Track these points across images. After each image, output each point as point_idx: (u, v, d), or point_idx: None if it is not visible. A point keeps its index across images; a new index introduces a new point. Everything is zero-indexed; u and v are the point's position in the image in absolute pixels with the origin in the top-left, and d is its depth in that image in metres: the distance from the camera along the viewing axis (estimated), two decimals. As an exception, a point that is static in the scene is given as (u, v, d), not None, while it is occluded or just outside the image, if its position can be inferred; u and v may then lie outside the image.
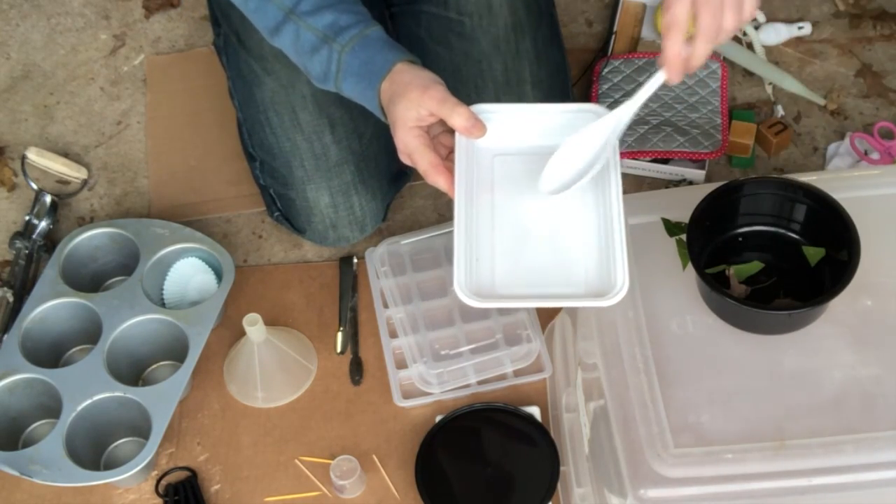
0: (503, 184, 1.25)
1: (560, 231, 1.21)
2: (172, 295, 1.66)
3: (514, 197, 1.24)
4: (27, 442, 1.55)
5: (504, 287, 1.18)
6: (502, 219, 1.23)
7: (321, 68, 1.34)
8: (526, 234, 1.22)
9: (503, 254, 1.20)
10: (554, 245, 1.20)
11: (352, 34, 1.31)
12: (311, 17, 1.33)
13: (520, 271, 1.19)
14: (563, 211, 1.22)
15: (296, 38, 1.35)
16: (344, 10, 1.33)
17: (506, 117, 1.27)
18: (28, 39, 2.07)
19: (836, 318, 1.16)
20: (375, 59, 1.29)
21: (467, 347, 1.61)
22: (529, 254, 1.20)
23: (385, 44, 1.32)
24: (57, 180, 1.86)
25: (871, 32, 1.98)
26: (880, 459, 1.06)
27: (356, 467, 1.48)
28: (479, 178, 1.25)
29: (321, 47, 1.32)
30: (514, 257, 1.20)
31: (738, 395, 1.13)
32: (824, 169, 1.80)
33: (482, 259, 1.19)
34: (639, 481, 1.07)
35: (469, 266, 1.17)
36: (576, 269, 1.18)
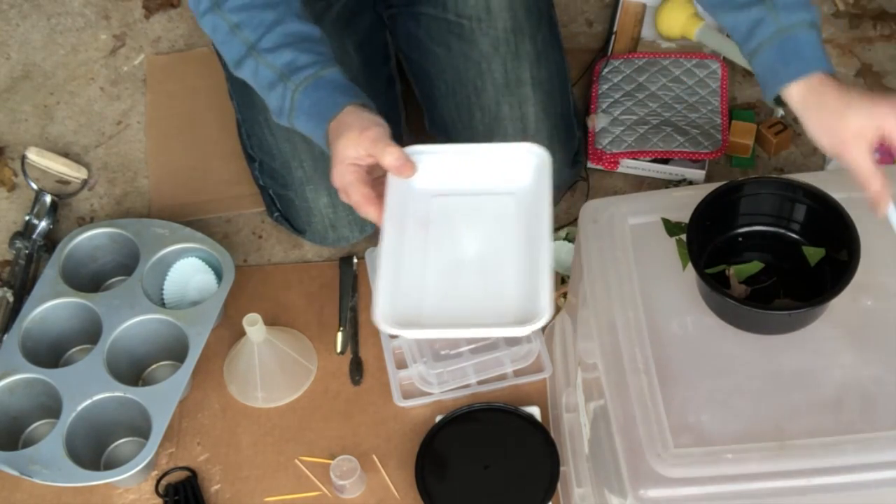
0: (439, 222, 1.29)
1: (491, 265, 1.25)
2: (172, 295, 1.66)
3: (448, 234, 1.28)
4: (27, 442, 1.55)
5: (429, 318, 1.21)
6: (435, 254, 1.26)
7: (276, 104, 1.37)
8: (457, 268, 1.25)
9: (433, 287, 1.24)
10: (484, 279, 1.24)
11: (306, 74, 1.34)
12: (270, 54, 1.35)
13: (448, 303, 1.22)
14: (496, 246, 1.26)
15: (255, 73, 1.37)
16: (304, 49, 1.35)
17: (442, 158, 1.31)
18: (28, 39, 2.07)
19: (836, 318, 1.16)
20: (325, 101, 1.32)
21: (467, 347, 1.61)
22: (460, 287, 1.24)
23: (337, 86, 1.34)
24: (57, 180, 1.86)
25: (871, 32, 1.98)
26: (880, 459, 1.06)
27: (356, 467, 1.48)
28: (416, 216, 1.29)
29: (277, 84, 1.35)
30: (443, 290, 1.23)
31: (738, 395, 1.13)
32: (824, 169, 1.80)
33: (411, 292, 1.23)
34: (639, 481, 1.07)
35: (394, 296, 1.21)
36: (503, 301, 1.21)
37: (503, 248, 1.25)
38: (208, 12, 1.38)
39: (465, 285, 1.24)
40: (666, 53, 1.90)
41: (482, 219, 1.28)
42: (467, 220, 1.28)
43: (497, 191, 1.29)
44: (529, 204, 1.26)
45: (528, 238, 1.24)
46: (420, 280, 1.24)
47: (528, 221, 1.25)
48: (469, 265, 1.25)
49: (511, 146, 1.30)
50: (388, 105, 1.72)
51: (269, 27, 1.35)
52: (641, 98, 1.83)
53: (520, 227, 1.26)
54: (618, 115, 1.82)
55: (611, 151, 1.78)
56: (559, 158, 1.67)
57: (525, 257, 1.23)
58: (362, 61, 1.67)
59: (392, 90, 1.75)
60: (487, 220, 1.28)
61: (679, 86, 1.85)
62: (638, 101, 1.83)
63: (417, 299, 1.22)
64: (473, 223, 1.28)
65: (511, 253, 1.24)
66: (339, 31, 1.66)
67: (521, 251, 1.24)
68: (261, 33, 1.35)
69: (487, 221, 1.28)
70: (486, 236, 1.27)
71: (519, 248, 1.24)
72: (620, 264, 1.22)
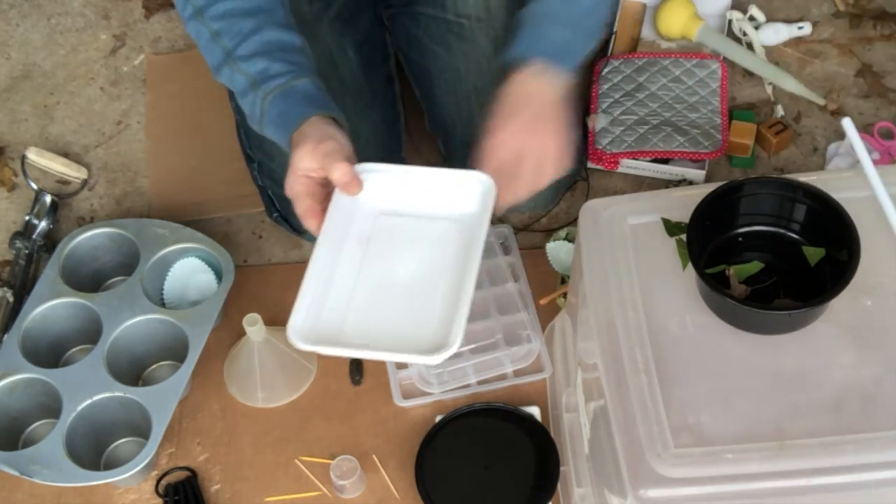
0: (379, 240, 1.30)
1: (420, 290, 1.25)
2: (172, 295, 1.66)
3: (385, 254, 1.28)
4: (27, 442, 1.55)
5: (347, 337, 1.21)
6: (368, 273, 1.27)
7: (249, 111, 1.38)
8: (387, 289, 1.26)
9: (358, 306, 1.24)
10: (410, 303, 1.24)
11: (276, 84, 1.34)
12: (245, 62, 1.36)
13: (369, 325, 1.23)
14: (428, 271, 1.26)
15: (230, 79, 1.39)
16: (278, 58, 1.36)
17: (392, 178, 1.31)
18: (28, 39, 2.07)
19: (836, 318, 1.16)
20: (291, 111, 1.33)
21: (467, 347, 1.61)
22: (384, 309, 1.24)
23: (305, 97, 1.34)
24: (57, 180, 1.86)
25: (871, 32, 1.98)
26: (880, 459, 1.06)
27: (356, 467, 1.48)
28: (357, 232, 1.29)
29: (249, 92, 1.36)
30: (368, 311, 1.24)
31: (738, 395, 1.13)
32: (824, 169, 1.80)
33: (336, 308, 1.23)
34: (639, 481, 1.07)
35: (317, 312, 1.22)
36: (421, 328, 1.21)
37: (434, 273, 1.26)
38: (192, 19, 1.40)
39: (391, 308, 1.24)
40: (666, 53, 1.90)
41: (421, 242, 1.29)
42: (406, 242, 1.29)
43: (441, 216, 1.30)
44: (469, 232, 1.27)
45: (460, 267, 1.25)
46: (348, 298, 1.25)
47: (462, 250, 1.26)
48: (399, 288, 1.26)
49: (460, 173, 1.30)
50: (388, 105, 1.72)
51: (246, 35, 1.37)
52: (641, 98, 1.83)
53: (455, 254, 1.26)
54: (618, 115, 1.82)
55: (611, 151, 1.78)
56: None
57: (452, 286, 1.23)
58: (361, 61, 1.67)
59: (391, 90, 1.75)
60: (426, 243, 1.29)
61: (679, 86, 1.85)
62: (638, 101, 1.83)
63: (342, 316, 1.23)
64: (412, 245, 1.29)
65: (441, 279, 1.25)
66: (338, 32, 1.66)
67: (450, 279, 1.24)
68: (238, 41, 1.37)
69: (426, 245, 1.29)
70: (422, 260, 1.27)
71: (449, 276, 1.25)
72: (620, 264, 1.22)
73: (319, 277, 1.24)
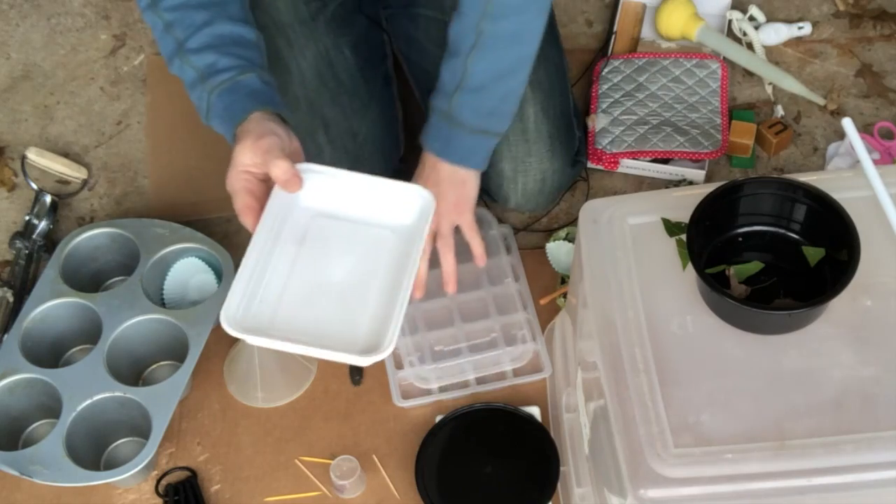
0: (314, 241, 1.30)
1: (352, 293, 1.27)
2: (172, 295, 1.66)
3: (320, 255, 1.30)
4: (27, 442, 1.55)
5: (277, 330, 1.23)
6: (301, 271, 1.28)
7: (197, 104, 1.39)
8: (320, 289, 1.27)
9: (291, 302, 1.26)
10: (343, 305, 1.26)
11: (223, 78, 1.35)
12: (194, 55, 1.37)
13: (301, 320, 1.24)
14: (362, 276, 1.28)
15: (181, 71, 1.39)
16: (227, 52, 1.37)
17: (332, 181, 1.32)
18: (28, 39, 2.07)
19: (836, 318, 1.16)
20: (236, 106, 1.34)
21: (465, 344, 1.61)
22: (317, 308, 1.25)
23: (251, 92, 1.35)
24: (57, 180, 1.86)
25: (871, 32, 1.98)
26: (880, 459, 1.06)
27: (356, 467, 1.48)
28: (293, 231, 1.30)
29: (197, 85, 1.37)
30: (300, 307, 1.25)
31: (738, 395, 1.13)
32: (824, 169, 1.80)
33: (267, 301, 1.25)
34: (639, 481, 1.07)
35: (249, 302, 1.23)
36: (353, 329, 1.23)
37: (368, 279, 1.27)
38: (147, 9, 1.40)
39: (323, 307, 1.25)
40: (666, 53, 1.90)
41: (356, 247, 1.30)
42: (342, 245, 1.30)
43: (377, 223, 1.31)
44: (404, 243, 1.29)
45: (394, 275, 1.26)
46: (280, 292, 1.26)
47: (398, 259, 1.28)
48: (331, 289, 1.27)
49: (401, 185, 1.32)
50: (386, 105, 1.72)
51: (198, 28, 1.37)
52: (641, 98, 1.83)
53: (389, 262, 1.28)
54: (618, 115, 1.82)
55: (611, 151, 1.78)
56: (559, 158, 1.67)
57: (385, 293, 1.25)
58: (358, 61, 1.67)
59: (389, 90, 1.75)
60: (361, 249, 1.30)
61: (679, 86, 1.85)
62: (638, 101, 1.83)
63: (272, 310, 1.24)
64: (347, 249, 1.30)
65: (374, 285, 1.27)
66: (335, 31, 1.66)
67: (384, 286, 1.26)
68: (189, 33, 1.37)
69: (360, 251, 1.30)
70: (356, 264, 1.29)
71: (382, 283, 1.26)
72: (620, 264, 1.22)
73: (253, 270, 1.25)
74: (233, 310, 1.22)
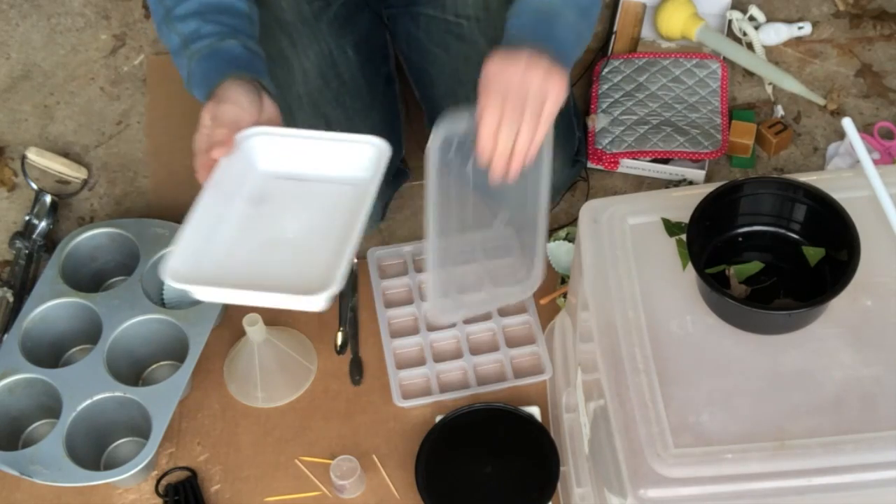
0: (269, 202, 1.31)
1: (303, 245, 1.26)
2: (172, 295, 1.66)
3: (274, 215, 1.29)
4: (27, 442, 1.55)
5: (224, 279, 1.21)
6: (254, 229, 1.28)
7: (181, 72, 1.40)
8: (272, 246, 1.27)
9: (240, 257, 1.25)
10: (292, 257, 1.25)
11: (203, 44, 1.36)
12: (180, 21, 1.38)
13: (249, 271, 1.24)
14: (314, 229, 1.28)
15: (167, 38, 1.40)
16: (211, 20, 1.38)
17: (286, 142, 1.32)
18: (28, 39, 2.07)
19: (836, 318, 1.16)
20: (213, 71, 1.35)
21: (467, 346, 1.61)
22: (266, 262, 1.25)
23: (228, 58, 1.36)
24: (57, 180, 1.86)
25: (871, 32, 1.98)
26: (880, 459, 1.06)
27: (356, 467, 1.48)
28: (249, 193, 1.31)
29: (180, 52, 1.38)
30: (249, 261, 1.25)
31: (738, 395, 1.13)
32: (824, 169, 1.80)
33: (214, 256, 1.24)
34: (639, 481, 1.07)
35: (195, 256, 1.22)
36: (300, 276, 1.22)
37: (323, 231, 1.27)
38: None
39: (274, 260, 1.25)
40: (666, 53, 1.90)
41: (311, 204, 1.30)
42: (298, 204, 1.30)
43: (333, 179, 1.31)
44: (359, 194, 1.27)
45: (344, 225, 1.25)
46: (230, 248, 1.25)
47: (352, 210, 1.26)
48: (285, 244, 1.27)
49: (353, 137, 1.32)
50: (388, 104, 1.72)
51: None
52: (641, 98, 1.83)
53: (342, 215, 1.27)
54: (618, 115, 1.82)
55: (611, 151, 1.78)
56: (559, 158, 1.67)
57: (335, 241, 1.24)
58: (361, 61, 1.67)
59: (391, 90, 1.75)
60: (316, 205, 1.30)
61: (679, 86, 1.85)
62: (638, 101, 1.83)
63: (220, 263, 1.23)
64: (303, 207, 1.30)
65: (328, 236, 1.26)
66: (338, 31, 1.66)
67: (338, 236, 1.25)
68: (178, 1, 1.38)
69: (315, 207, 1.30)
70: (310, 220, 1.28)
71: (337, 234, 1.25)
72: (620, 264, 1.22)
73: (199, 226, 1.24)
74: (177, 263, 1.20)
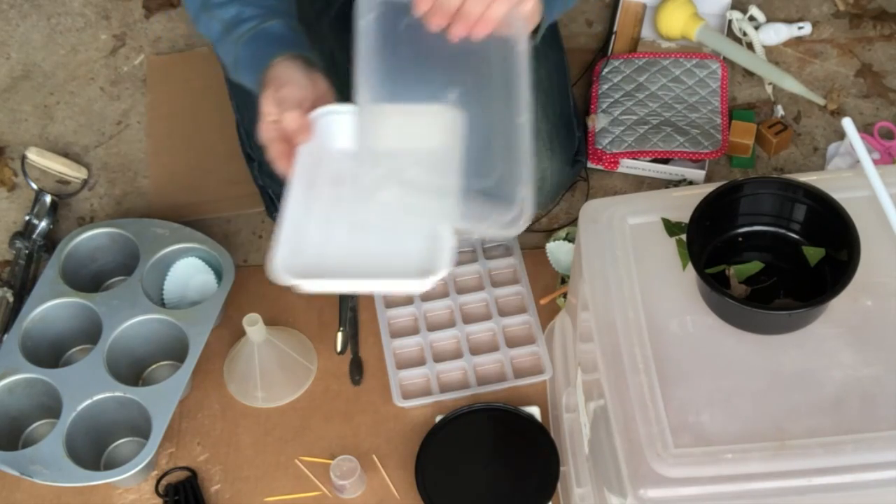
0: (350, 179, 1.24)
1: (397, 226, 1.23)
2: (172, 295, 1.66)
3: (361, 192, 1.23)
4: (27, 442, 1.55)
5: (330, 270, 1.19)
6: (343, 211, 1.24)
7: (226, 59, 1.39)
8: (366, 226, 1.23)
9: (337, 242, 1.22)
10: (390, 237, 1.22)
11: (248, 27, 1.35)
12: (219, 8, 1.38)
13: (350, 258, 1.21)
14: (406, 205, 1.22)
15: (208, 28, 1.40)
16: (250, 2, 1.37)
17: (357, 118, 1.26)
18: (28, 39, 2.07)
19: (836, 318, 1.16)
20: (260, 53, 1.33)
21: (468, 348, 1.61)
22: (365, 243, 1.22)
23: (274, 38, 1.35)
24: (57, 180, 1.86)
25: (871, 32, 1.98)
26: (880, 459, 1.06)
27: (356, 467, 1.48)
28: (329, 175, 1.27)
29: (224, 38, 1.37)
30: (347, 246, 1.22)
31: (738, 395, 1.13)
32: (824, 169, 1.80)
33: (312, 246, 1.21)
34: (639, 481, 1.07)
35: (296, 248, 1.19)
36: (405, 257, 1.20)
37: (407, 206, 1.22)
38: None
39: (371, 242, 1.22)
40: (666, 53, 1.90)
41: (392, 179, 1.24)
42: (379, 180, 1.23)
43: (410, 150, 1.25)
44: (439, 163, 1.23)
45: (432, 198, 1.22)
46: (325, 235, 1.23)
47: (434, 183, 1.22)
48: (375, 225, 1.23)
49: (428, 107, 1.27)
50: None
51: None
52: (641, 98, 1.83)
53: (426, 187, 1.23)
54: (618, 115, 1.82)
55: (611, 151, 1.78)
56: (559, 158, 1.67)
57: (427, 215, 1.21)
58: (362, 61, 1.67)
59: (392, 90, 1.74)
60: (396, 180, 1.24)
61: (679, 86, 1.85)
62: (638, 101, 1.83)
63: (320, 253, 1.21)
64: (384, 183, 1.23)
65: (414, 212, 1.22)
66: (339, 31, 1.64)
67: (424, 209, 1.21)
68: None
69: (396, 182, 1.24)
70: (394, 197, 1.22)
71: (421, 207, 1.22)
72: (620, 264, 1.22)
73: (294, 217, 1.22)
74: (283, 258, 1.17)
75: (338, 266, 1.20)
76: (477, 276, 1.69)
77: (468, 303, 1.66)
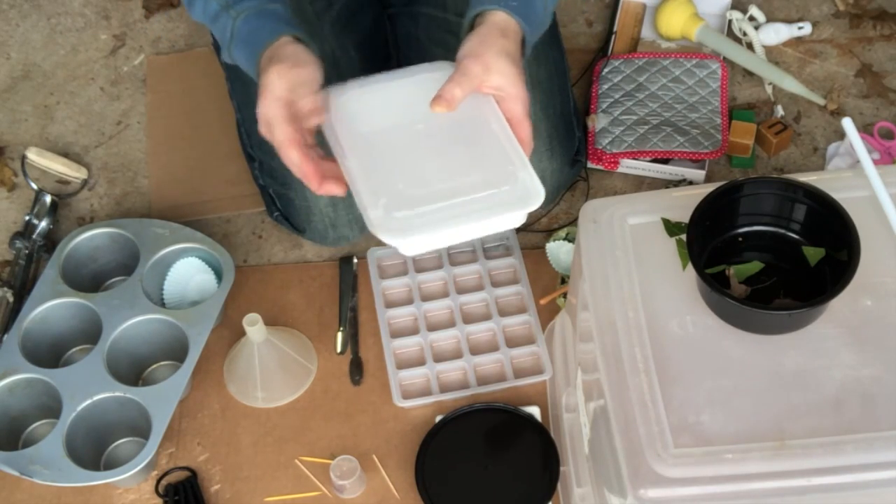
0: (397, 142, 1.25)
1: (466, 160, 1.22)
2: (172, 295, 1.66)
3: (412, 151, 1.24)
4: (27, 442, 1.55)
5: (427, 222, 1.17)
6: (406, 165, 1.22)
7: (220, 35, 1.36)
8: (435, 170, 1.21)
9: (414, 194, 1.19)
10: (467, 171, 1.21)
11: (249, 4, 1.33)
12: None
13: (434, 202, 1.18)
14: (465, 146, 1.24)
15: (204, 6, 1.37)
16: None
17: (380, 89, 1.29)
18: (28, 39, 2.07)
19: (836, 318, 1.16)
20: (263, 29, 1.31)
21: (468, 348, 1.61)
22: (444, 188, 1.19)
23: (279, 18, 1.33)
24: (57, 180, 1.86)
25: (871, 32, 1.98)
26: (880, 459, 1.06)
27: (356, 467, 1.48)
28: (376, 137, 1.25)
29: (221, 14, 1.35)
30: (427, 192, 1.19)
31: (738, 395, 1.13)
32: (824, 169, 1.80)
33: (396, 198, 1.18)
34: (639, 481, 1.07)
35: (383, 206, 1.17)
36: (498, 189, 1.19)
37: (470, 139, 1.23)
38: None
39: (450, 183, 1.19)
40: (666, 53, 1.90)
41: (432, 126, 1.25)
42: (418, 141, 1.24)
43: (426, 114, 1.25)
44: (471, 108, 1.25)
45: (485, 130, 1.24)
46: (401, 185, 1.20)
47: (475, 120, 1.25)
48: (445, 167, 1.21)
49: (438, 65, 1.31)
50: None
51: None
52: (641, 98, 1.83)
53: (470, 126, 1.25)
54: (618, 115, 1.82)
55: (611, 151, 1.78)
56: (559, 158, 1.67)
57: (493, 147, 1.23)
58: (363, 60, 1.67)
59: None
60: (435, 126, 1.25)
61: (679, 86, 1.85)
62: (638, 101, 1.83)
63: (409, 203, 1.18)
64: (427, 140, 1.24)
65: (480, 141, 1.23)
66: (340, 31, 1.66)
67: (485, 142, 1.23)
68: None
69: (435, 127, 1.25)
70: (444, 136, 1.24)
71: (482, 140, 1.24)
72: (620, 264, 1.22)
73: (365, 176, 1.19)
74: (380, 216, 1.14)
75: (432, 215, 1.16)
76: (477, 276, 1.69)
77: (468, 303, 1.67)
